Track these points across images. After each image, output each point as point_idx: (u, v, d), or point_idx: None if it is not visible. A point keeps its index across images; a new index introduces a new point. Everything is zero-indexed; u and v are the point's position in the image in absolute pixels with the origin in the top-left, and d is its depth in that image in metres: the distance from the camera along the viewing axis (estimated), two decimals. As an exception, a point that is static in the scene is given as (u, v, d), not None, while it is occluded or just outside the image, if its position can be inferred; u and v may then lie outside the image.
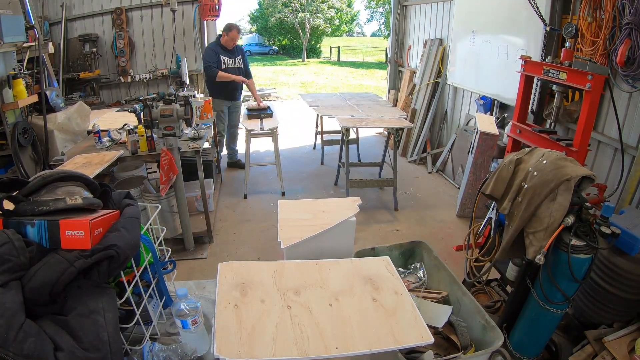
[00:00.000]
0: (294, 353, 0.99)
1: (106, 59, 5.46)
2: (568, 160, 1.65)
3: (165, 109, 2.66)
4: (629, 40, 2.26)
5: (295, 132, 6.74)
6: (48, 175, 0.99)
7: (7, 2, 3.04)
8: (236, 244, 3.38)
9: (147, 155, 2.98)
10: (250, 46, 27.86)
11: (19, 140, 3.40)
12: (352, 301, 1.18)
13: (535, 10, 2.94)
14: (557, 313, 1.69)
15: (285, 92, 12.27)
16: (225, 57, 4.35)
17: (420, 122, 5.23)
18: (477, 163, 3.54)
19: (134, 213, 1.05)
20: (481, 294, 2.28)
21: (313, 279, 1.27)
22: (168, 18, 5.32)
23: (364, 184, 4.06)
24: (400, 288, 1.25)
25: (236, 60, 4.47)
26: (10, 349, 0.72)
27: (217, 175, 4.64)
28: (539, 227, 1.59)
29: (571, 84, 2.38)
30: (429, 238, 3.36)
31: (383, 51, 20.58)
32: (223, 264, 1.30)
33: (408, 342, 1.06)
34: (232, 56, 4.42)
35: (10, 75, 3.30)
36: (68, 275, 0.83)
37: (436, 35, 5.16)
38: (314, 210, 1.61)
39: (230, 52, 4.40)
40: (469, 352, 1.38)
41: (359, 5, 46.68)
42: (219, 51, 4.33)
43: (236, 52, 4.48)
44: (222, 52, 4.35)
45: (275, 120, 4.32)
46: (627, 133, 2.58)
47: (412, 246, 1.84)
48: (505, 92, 3.70)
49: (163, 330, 1.22)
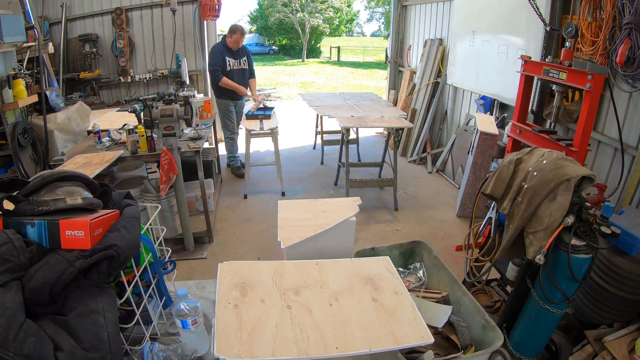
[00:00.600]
0: (293, 353, 0.99)
1: (106, 59, 5.46)
2: (568, 160, 1.65)
3: (165, 109, 2.66)
4: (628, 40, 2.26)
5: (295, 132, 6.74)
6: (48, 175, 0.99)
7: (7, 2, 3.04)
8: (236, 244, 3.38)
9: (147, 155, 2.98)
10: (250, 46, 27.84)
11: (19, 140, 3.40)
12: (352, 301, 1.18)
13: (535, 10, 2.94)
14: (557, 313, 1.69)
15: (285, 92, 12.27)
16: (230, 59, 4.34)
17: (420, 122, 5.23)
18: (477, 163, 3.54)
19: (134, 213, 1.05)
20: (481, 293, 2.28)
21: (313, 279, 1.27)
22: (168, 18, 5.32)
23: (364, 184, 4.06)
24: (400, 288, 1.25)
25: (241, 61, 4.45)
26: (10, 349, 0.72)
27: (217, 175, 4.64)
28: (538, 227, 1.59)
29: (571, 84, 2.38)
30: (429, 238, 3.36)
31: (383, 51, 20.60)
32: (223, 263, 1.30)
33: (408, 342, 1.06)
34: (237, 57, 4.41)
35: (10, 75, 3.30)
36: (68, 275, 0.83)
37: (436, 35, 5.16)
38: (314, 210, 1.61)
39: (235, 53, 4.39)
40: (469, 352, 1.38)
41: (358, 6, 46.73)
42: (224, 52, 4.32)
43: (241, 53, 4.47)
44: (227, 54, 4.34)
45: (275, 120, 4.32)
46: (627, 133, 2.58)
47: (412, 246, 1.84)
48: (505, 92, 3.70)
49: (163, 330, 1.22)
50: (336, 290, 1.23)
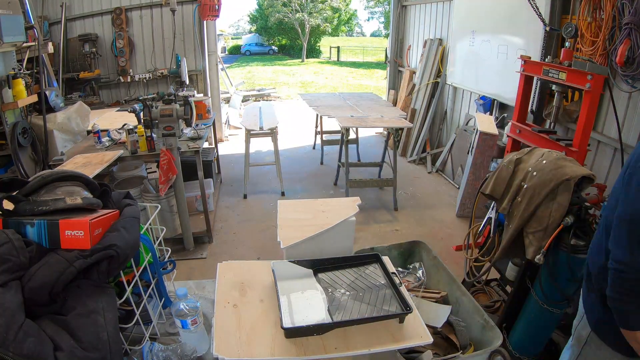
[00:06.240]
0: (293, 353, 1.00)
1: (106, 59, 5.46)
2: (567, 160, 1.65)
3: (165, 109, 2.66)
4: (628, 40, 2.26)
5: (295, 132, 6.74)
6: (48, 175, 0.99)
7: (7, 2, 3.04)
8: (236, 244, 3.38)
9: (146, 155, 2.98)
10: (250, 46, 27.89)
11: (19, 140, 3.40)
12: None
13: (535, 10, 2.94)
14: (557, 313, 1.69)
15: (285, 92, 12.28)
16: None
17: (420, 122, 5.23)
18: (477, 163, 3.54)
19: (134, 213, 1.05)
20: (481, 293, 2.28)
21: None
22: (168, 18, 5.32)
23: (363, 183, 4.06)
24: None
25: None
26: (10, 348, 0.72)
27: (217, 175, 4.64)
28: (538, 226, 1.59)
29: (571, 84, 2.38)
30: (429, 238, 3.36)
31: (383, 51, 20.56)
32: (222, 263, 1.30)
33: (407, 342, 1.06)
34: None
35: (10, 75, 3.30)
36: (68, 275, 0.83)
37: (436, 35, 5.16)
38: (313, 210, 1.61)
39: None
40: (468, 351, 1.38)
41: (357, 5, 46.60)
42: None
43: None
44: None
45: (275, 120, 4.32)
46: (626, 133, 2.58)
47: (411, 246, 1.84)
48: (505, 92, 3.70)
49: (163, 330, 1.22)
50: (336, 290, 1.22)
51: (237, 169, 4.96)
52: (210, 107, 4.12)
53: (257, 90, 11.00)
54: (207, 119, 3.90)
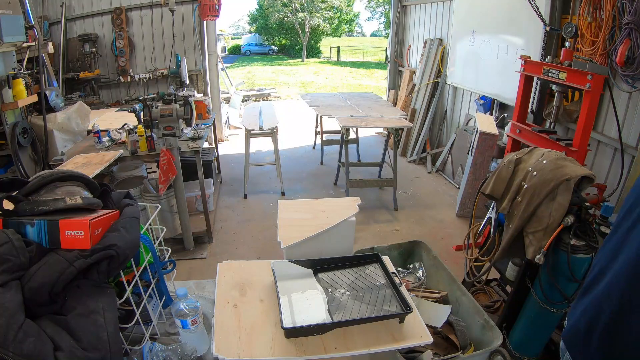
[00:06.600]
0: (293, 353, 1.00)
1: (106, 59, 5.46)
2: (568, 160, 1.65)
3: (165, 109, 2.66)
4: (628, 40, 2.26)
5: (295, 132, 6.74)
6: (48, 175, 0.99)
7: (7, 2, 3.04)
8: (236, 244, 3.38)
9: (146, 155, 2.98)
10: (250, 46, 27.87)
11: (19, 140, 3.40)
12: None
13: (535, 10, 2.94)
14: (557, 313, 1.69)
15: (285, 92, 12.27)
16: None
17: (420, 122, 5.23)
18: (477, 163, 3.54)
19: (134, 213, 1.05)
20: (481, 293, 2.28)
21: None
22: (168, 18, 5.32)
23: (363, 183, 4.06)
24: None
25: None
26: (10, 348, 0.72)
27: (217, 175, 4.64)
28: (538, 226, 1.59)
29: (571, 83, 2.38)
30: (429, 238, 3.36)
31: (383, 51, 20.58)
32: (222, 263, 1.30)
33: (407, 342, 1.06)
34: None
35: (10, 75, 3.29)
36: (67, 275, 0.83)
37: (436, 35, 5.16)
38: (313, 210, 1.61)
39: None
40: (468, 351, 1.39)
41: (359, 6, 46.63)
42: None
43: None
44: None
45: (275, 120, 4.32)
46: (626, 133, 2.58)
47: (411, 246, 1.84)
48: (505, 92, 3.70)
49: (163, 330, 1.22)
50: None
51: (237, 168, 4.95)
52: (210, 107, 4.12)
53: (257, 90, 11.00)
54: (207, 119, 3.90)
